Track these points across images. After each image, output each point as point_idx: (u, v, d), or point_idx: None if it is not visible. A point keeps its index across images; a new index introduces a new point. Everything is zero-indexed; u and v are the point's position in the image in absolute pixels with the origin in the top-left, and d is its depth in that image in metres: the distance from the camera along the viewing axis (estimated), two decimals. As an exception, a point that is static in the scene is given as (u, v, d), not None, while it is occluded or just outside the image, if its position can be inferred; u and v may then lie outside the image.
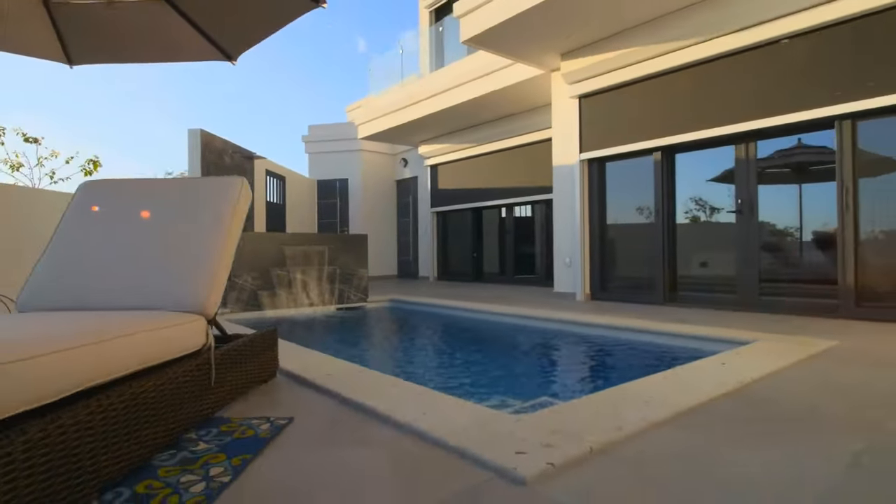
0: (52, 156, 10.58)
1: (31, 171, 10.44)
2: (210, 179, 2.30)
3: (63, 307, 1.96)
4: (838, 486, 1.37)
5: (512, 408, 2.51)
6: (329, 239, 6.58)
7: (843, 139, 4.54)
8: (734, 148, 5.39)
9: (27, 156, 10.81)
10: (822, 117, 4.61)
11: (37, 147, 10.39)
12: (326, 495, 1.35)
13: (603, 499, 1.31)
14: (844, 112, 4.46)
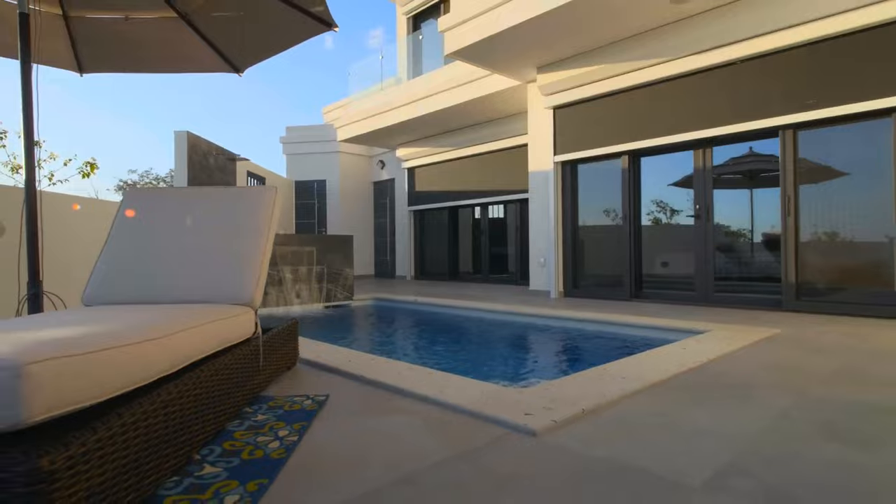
0: (50, 158, 10.58)
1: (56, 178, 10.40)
2: (249, 189, 2.61)
3: (125, 301, 2.25)
4: (769, 429, 1.82)
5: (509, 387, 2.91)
6: (317, 240, 6.86)
7: (785, 148, 5.13)
8: (693, 154, 5.94)
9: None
10: (767, 127, 5.19)
11: (38, 150, 10.32)
12: (377, 448, 1.72)
13: (595, 442, 1.72)
14: (787, 123, 5.05)
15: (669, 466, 1.53)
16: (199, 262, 2.37)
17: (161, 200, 2.61)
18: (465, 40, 6.23)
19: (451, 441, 1.76)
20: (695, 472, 1.49)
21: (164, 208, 2.56)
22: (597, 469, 1.52)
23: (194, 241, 2.44)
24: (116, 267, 2.35)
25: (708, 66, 5.53)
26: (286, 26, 3.54)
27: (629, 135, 6.31)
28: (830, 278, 4.94)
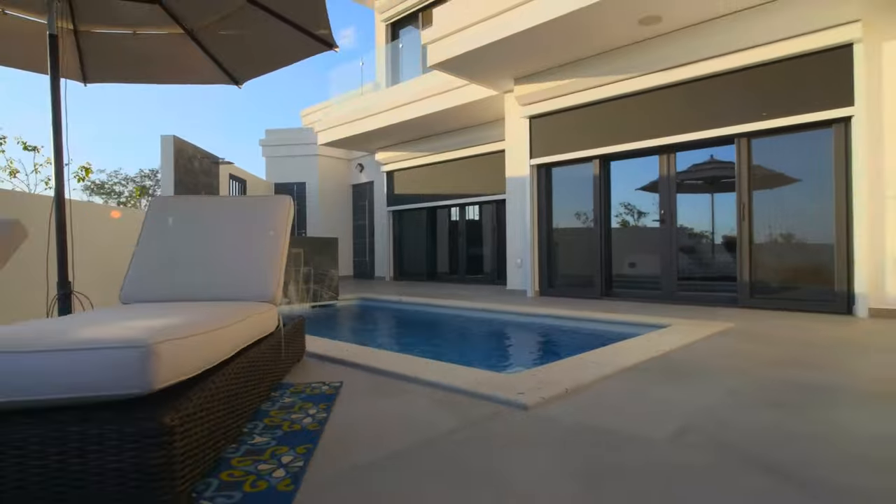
0: (47, 162, 10.56)
1: (28, 177, 10.34)
2: (267, 198, 2.89)
3: (160, 300, 2.51)
4: (719, 401, 2.21)
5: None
6: (305, 242, 7.10)
7: (740, 155, 5.64)
8: (658, 160, 6.41)
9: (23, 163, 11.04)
10: (724, 135, 5.68)
11: (34, 154, 10.44)
12: (395, 421, 2.04)
13: (577, 413, 2.08)
14: (741, 131, 5.55)
15: (639, 428, 1.90)
16: (225, 263, 2.64)
17: (186, 207, 2.87)
18: (447, 53, 6.58)
19: (457, 415, 2.09)
20: (659, 431, 1.86)
21: (190, 214, 2.82)
22: (579, 431, 1.88)
23: (219, 244, 2.71)
24: (149, 269, 2.60)
25: (671, 83, 6.01)
26: (289, 45, 3.81)
27: (600, 141, 6.75)
28: (781, 277, 5.46)
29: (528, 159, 7.50)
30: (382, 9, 11.81)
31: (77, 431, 1.23)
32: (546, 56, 6.54)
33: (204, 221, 2.79)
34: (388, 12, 11.72)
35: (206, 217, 2.80)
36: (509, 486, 1.46)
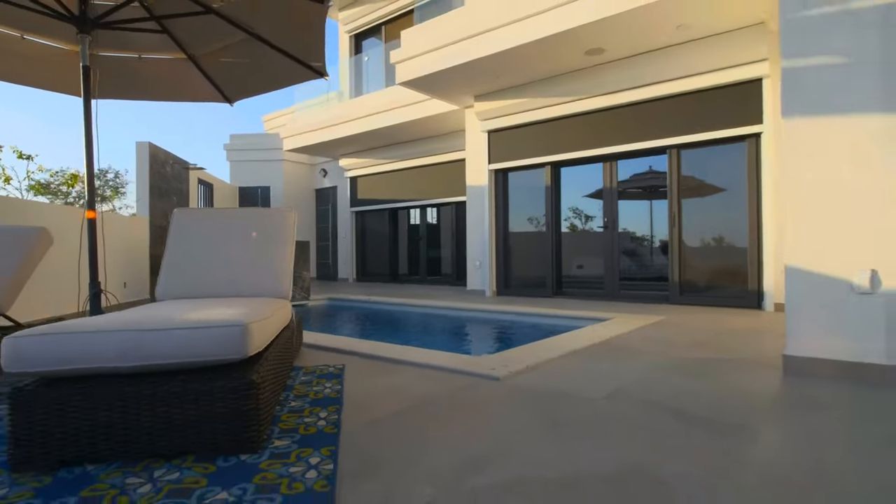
0: (38, 170, 10.58)
1: (20, 183, 10.27)
2: (274, 210, 3.38)
3: (190, 296, 2.97)
4: (643, 372, 2.89)
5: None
6: (278, 245, 7.48)
7: (671, 166, 6.48)
8: (602, 168, 7.20)
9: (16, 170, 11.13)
10: (658, 146, 6.51)
11: (27, 162, 10.56)
12: (395, 391, 2.60)
13: (536, 382, 2.70)
14: (672, 143, 6.38)
15: (584, 391, 2.54)
16: (242, 265, 3.13)
17: (205, 218, 3.33)
18: (415, 73, 7.16)
19: (443, 385, 2.68)
20: (598, 393, 2.51)
21: (209, 224, 3.28)
22: (540, 394, 2.50)
23: (236, 250, 3.19)
24: (177, 270, 3.06)
25: (613, 105, 6.81)
26: (284, 72, 4.29)
27: (551, 150, 7.49)
28: (706, 278, 6.33)
29: (487, 164, 8.17)
30: (346, 20, 12.24)
31: (195, 387, 1.74)
32: (503, 78, 7.22)
33: (220, 230, 3.26)
34: (352, 24, 12.16)
35: (222, 226, 3.28)
36: (492, 427, 2.07)
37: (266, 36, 3.84)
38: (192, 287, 3.01)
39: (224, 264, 3.12)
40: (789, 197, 2.74)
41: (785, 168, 2.75)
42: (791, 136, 2.72)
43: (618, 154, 7.00)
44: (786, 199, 2.74)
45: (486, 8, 6.50)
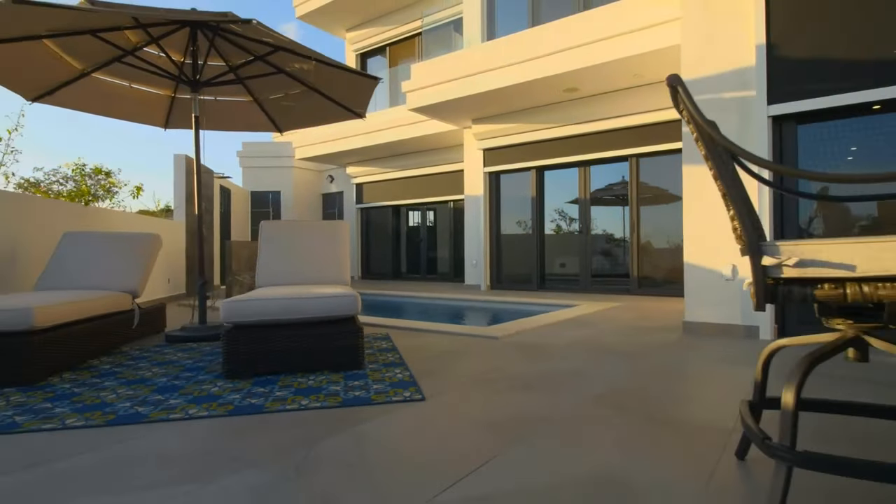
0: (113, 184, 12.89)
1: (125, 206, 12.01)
2: (333, 222, 4.68)
3: (279, 284, 4.26)
4: (596, 334, 4.25)
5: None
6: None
7: (631, 175, 7.87)
8: (577, 177, 8.57)
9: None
10: (621, 155, 7.89)
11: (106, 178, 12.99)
12: (427, 347, 3.94)
13: (522, 341, 4.05)
14: (631, 153, 7.77)
15: (551, 343, 3.90)
16: (315, 262, 4.43)
17: (283, 227, 4.62)
18: (422, 102, 8.48)
19: (459, 342, 4.02)
20: (560, 343, 3.86)
21: (286, 231, 4.57)
22: (522, 345, 3.85)
23: (307, 250, 4.49)
24: (269, 266, 4.35)
25: (587, 132, 8.19)
26: (331, 113, 5.56)
27: (536, 159, 8.85)
28: (658, 274, 7.73)
29: (483, 168, 9.52)
30: (353, 41, 13.50)
31: (327, 330, 3.06)
32: (496, 107, 8.57)
33: (295, 236, 4.56)
34: (359, 44, 13.43)
35: (296, 233, 4.58)
36: (497, 361, 3.42)
37: (324, 91, 5.13)
38: (279, 277, 4.30)
39: (301, 261, 4.41)
40: (687, 220, 4.13)
41: (685, 200, 4.13)
42: (688, 179, 4.11)
43: (589, 161, 8.39)
44: (686, 221, 4.13)
45: (483, 53, 7.85)
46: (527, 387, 2.69)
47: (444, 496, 1.48)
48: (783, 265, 1.22)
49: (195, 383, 2.85)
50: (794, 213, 3.82)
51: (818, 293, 1.20)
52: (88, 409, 2.38)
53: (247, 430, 2.09)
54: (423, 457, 1.78)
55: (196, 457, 1.82)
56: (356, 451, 1.84)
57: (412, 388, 2.65)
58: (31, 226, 4.91)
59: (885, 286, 1.11)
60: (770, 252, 1.24)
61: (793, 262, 1.20)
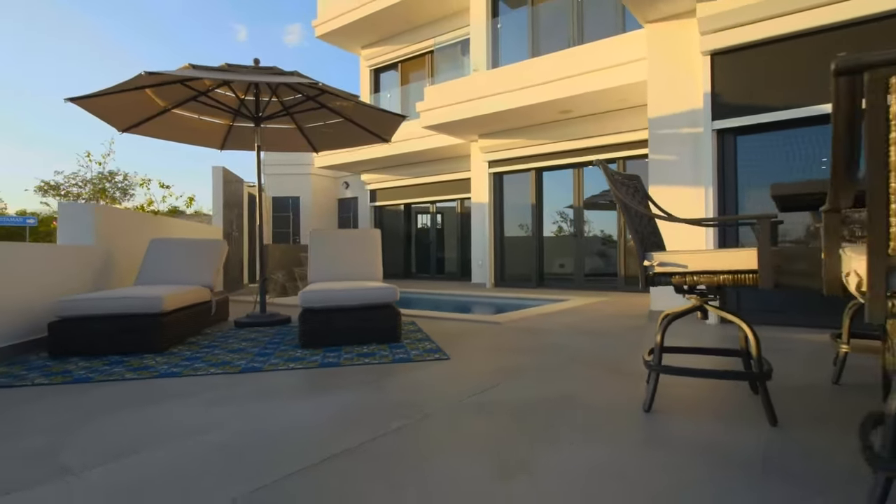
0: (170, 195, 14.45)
1: (158, 206, 13.10)
2: (368, 230, 5.75)
3: (329, 279, 5.33)
4: (581, 321, 5.31)
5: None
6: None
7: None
8: (572, 183, 9.62)
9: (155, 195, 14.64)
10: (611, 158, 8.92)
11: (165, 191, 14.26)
12: (447, 329, 5.01)
13: (522, 324, 5.12)
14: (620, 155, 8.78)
15: (545, 327, 4.96)
16: (354, 262, 5.49)
17: (328, 234, 5.69)
18: (434, 120, 9.56)
19: (470, 326, 5.08)
20: (551, 327, 4.92)
21: (331, 238, 5.65)
22: (521, 328, 4.92)
23: (348, 253, 5.56)
24: (318, 266, 5.43)
25: (580, 147, 9.24)
26: (362, 138, 6.64)
27: (535, 163, 9.91)
28: (645, 273, 8.76)
29: (487, 178, 10.60)
30: (367, 57, 14.58)
31: (375, 313, 4.14)
32: (500, 125, 9.63)
33: (337, 242, 5.63)
34: (372, 60, 14.50)
35: (339, 240, 5.65)
36: (500, 338, 4.49)
37: (359, 122, 6.21)
38: (328, 275, 5.38)
39: (342, 262, 5.49)
40: (654, 227, 5.17)
41: (653, 211, 5.18)
42: (654, 197, 5.15)
43: (581, 163, 9.44)
44: (652, 228, 5.17)
45: (488, 78, 8.92)
46: (521, 352, 3.76)
47: (468, 400, 2.55)
48: (654, 265, 2.29)
49: (281, 351, 3.93)
50: (735, 232, 4.87)
51: (672, 280, 2.26)
52: (219, 365, 3.46)
53: (332, 375, 3.16)
54: (453, 385, 2.86)
55: (302, 387, 2.90)
56: (410, 384, 2.91)
57: (439, 353, 3.72)
58: (119, 232, 5.99)
59: (700, 276, 2.18)
60: (648, 258, 2.31)
61: (657, 263, 2.26)
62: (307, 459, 1.83)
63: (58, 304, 3.89)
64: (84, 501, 1.55)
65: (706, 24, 4.64)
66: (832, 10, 4.19)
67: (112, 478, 1.71)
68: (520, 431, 2.10)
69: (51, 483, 1.67)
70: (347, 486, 1.62)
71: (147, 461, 1.85)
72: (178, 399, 2.66)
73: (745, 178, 4.80)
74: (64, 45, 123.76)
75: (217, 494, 1.59)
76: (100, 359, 3.71)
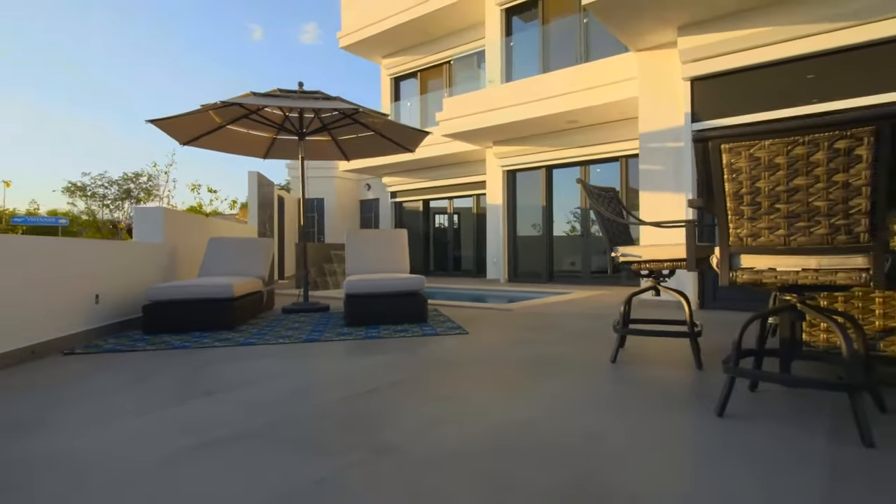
0: (216, 199, 15.49)
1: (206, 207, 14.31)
2: (396, 231, 6.62)
3: (364, 272, 6.21)
4: (578, 308, 6.13)
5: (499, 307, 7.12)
6: (355, 246, 10.75)
7: (621, 180, 9.67)
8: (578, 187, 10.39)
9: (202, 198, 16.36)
10: (612, 156, 9.72)
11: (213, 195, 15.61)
12: (464, 314, 5.87)
13: (530, 310, 5.95)
14: (620, 154, 9.59)
15: (547, 312, 5.79)
16: (385, 257, 6.37)
17: (362, 234, 6.58)
18: (453, 129, 10.42)
19: (486, 312, 5.93)
20: (554, 312, 5.75)
21: (364, 237, 6.53)
22: (529, 314, 5.75)
23: (380, 251, 6.43)
24: (356, 261, 6.31)
25: (583, 155, 10.02)
26: (389, 148, 7.52)
27: (545, 163, 10.73)
28: (646, 269, 9.53)
29: (501, 181, 11.44)
30: (388, 66, 15.48)
31: (405, 299, 5.02)
32: (513, 133, 10.45)
33: (371, 241, 6.51)
34: (393, 69, 15.40)
35: (371, 238, 6.53)
36: (511, 320, 5.33)
37: (388, 135, 7.09)
38: (364, 268, 6.26)
39: (375, 257, 6.36)
40: (642, 228, 5.97)
41: (641, 213, 5.98)
42: (644, 201, 5.95)
43: (587, 160, 10.22)
44: (642, 228, 5.97)
45: (502, 92, 9.75)
46: (528, 329, 4.60)
47: (482, 357, 3.41)
48: (618, 256, 3.11)
49: (330, 329, 4.82)
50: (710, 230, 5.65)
51: (632, 267, 3.09)
52: (283, 338, 4.35)
53: (374, 345, 4.04)
54: (471, 349, 3.71)
55: (355, 351, 3.78)
56: (438, 348, 3.78)
57: (459, 330, 4.57)
58: (179, 231, 6.94)
59: (650, 263, 3.00)
60: (614, 251, 3.14)
61: (620, 255, 3.09)
62: (370, 385, 2.70)
63: (149, 291, 4.82)
64: (228, 410, 2.44)
65: (686, 55, 5.43)
66: (791, 46, 4.96)
67: (241, 396, 2.60)
68: (519, 373, 2.95)
69: (201, 399, 2.56)
70: (395, 398, 2.49)
71: (262, 388, 2.74)
72: (261, 358, 3.56)
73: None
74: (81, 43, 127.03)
75: (323, 398, 2.47)
76: (186, 333, 4.64)
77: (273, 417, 2.21)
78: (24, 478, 1.64)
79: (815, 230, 1.88)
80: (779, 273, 1.99)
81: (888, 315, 2.44)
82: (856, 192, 1.79)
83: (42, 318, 3.82)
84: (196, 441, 1.93)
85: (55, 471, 1.68)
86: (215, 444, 1.91)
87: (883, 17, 4.69)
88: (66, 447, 1.90)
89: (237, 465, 1.71)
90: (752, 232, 2.00)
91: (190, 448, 1.86)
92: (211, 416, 2.26)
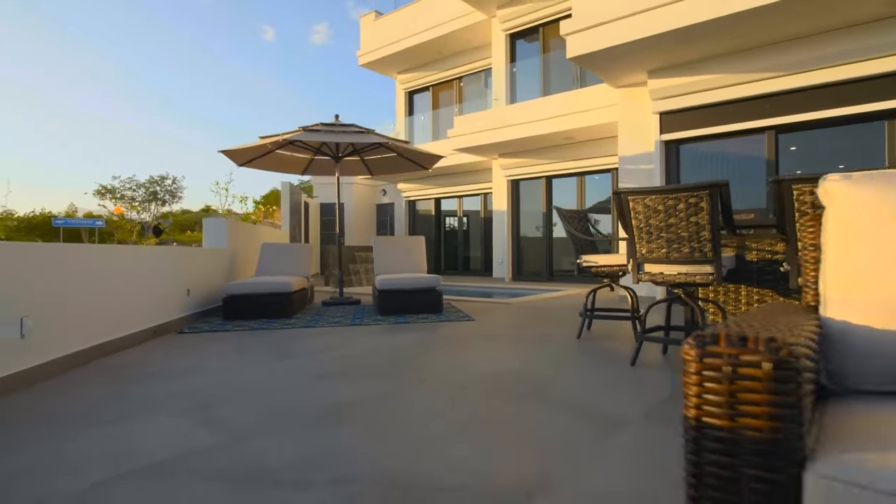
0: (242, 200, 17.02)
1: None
2: (415, 237, 7.90)
3: (390, 272, 7.50)
4: (568, 302, 7.38)
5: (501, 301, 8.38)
6: (376, 248, 12.06)
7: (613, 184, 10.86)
8: (576, 192, 11.63)
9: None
10: (606, 168, 10.93)
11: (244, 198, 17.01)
12: (474, 307, 7.15)
13: (526, 304, 7.21)
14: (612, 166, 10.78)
15: (541, 305, 7.05)
16: (406, 260, 7.65)
17: (385, 239, 7.87)
18: (462, 144, 11.69)
19: (490, 305, 7.20)
20: (548, 305, 7.01)
21: (386, 242, 7.82)
22: (527, 306, 7.01)
23: (402, 253, 7.72)
24: (383, 262, 7.60)
25: (579, 167, 11.24)
26: (409, 167, 8.81)
27: (544, 172, 11.97)
28: (634, 269, 10.75)
29: (505, 189, 12.69)
30: (403, 81, 16.78)
31: (426, 294, 6.31)
32: (517, 148, 11.70)
33: (394, 245, 7.79)
34: (407, 84, 16.70)
35: (395, 244, 7.82)
36: (511, 311, 6.61)
37: (408, 157, 8.37)
38: (389, 269, 7.54)
39: (398, 259, 7.65)
40: (622, 235, 7.20)
41: (621, 224, 7.22)
42: (621, 212, 7.20)
43: (582, 171, 11.45)
44: (621, 236, 7.20)
45: (507, 112, 10.99)
46: (522, 317, 5.87)
47: (485, 334, 4.70)
48: (583, 262, 4.38)
49: (367, 317, 6.11)
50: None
51: (592, 269, 4.35)
52: (333, 323, 5.65)
53: (403, 327, 5.32)
54: (477, 331, 4.99)
55: (389, 331, 5.07)
56: (451, 330, 5.06)
57: (468, 318, 5.85)
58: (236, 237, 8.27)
59: (604, 268, 4.27)
60: (578, 258, 4.40)
61: (583, 261, 4.36)
62: (406, 350, 3.99)
63: (226, 286, 6.14)
64: (320, 363, 3.74)
65: (654, 94, 6.65)
66: (744, 88, 6.18)
67: (323, 356, 3.91)
68: (509, 345, 4.23)
69: (295, 358, 3.86)
70: (424, 357, 3.78)
71: (334, 352, 4.04)
72: (323, 336, 4.86)
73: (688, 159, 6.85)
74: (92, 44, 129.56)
75: (378, 355, 3.77)
76: (256, 320, 5.95)
77: (352, 365, 3.51)
78: (219, 398, 2.95)
79: (682, 250, 3.14)
80: (665, 275, 3.25)
81: (749, 302, 3.68)
82: (703, 227, 3.04)
83: (156, 307, 5.15)
84: (310, 376, 3.24)
85: (233, 392, 2.99)
86: (325, 377, 3.21)
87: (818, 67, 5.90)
88: (224, 381, 3.21)
89: (344, 385, 3.01)
90: (649, 250, 3.26)
91: (309, 378, 3.17)
92: (311, 365, 3.56)
